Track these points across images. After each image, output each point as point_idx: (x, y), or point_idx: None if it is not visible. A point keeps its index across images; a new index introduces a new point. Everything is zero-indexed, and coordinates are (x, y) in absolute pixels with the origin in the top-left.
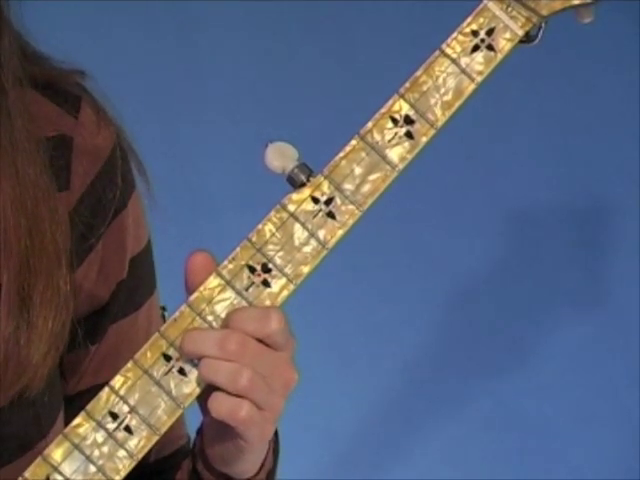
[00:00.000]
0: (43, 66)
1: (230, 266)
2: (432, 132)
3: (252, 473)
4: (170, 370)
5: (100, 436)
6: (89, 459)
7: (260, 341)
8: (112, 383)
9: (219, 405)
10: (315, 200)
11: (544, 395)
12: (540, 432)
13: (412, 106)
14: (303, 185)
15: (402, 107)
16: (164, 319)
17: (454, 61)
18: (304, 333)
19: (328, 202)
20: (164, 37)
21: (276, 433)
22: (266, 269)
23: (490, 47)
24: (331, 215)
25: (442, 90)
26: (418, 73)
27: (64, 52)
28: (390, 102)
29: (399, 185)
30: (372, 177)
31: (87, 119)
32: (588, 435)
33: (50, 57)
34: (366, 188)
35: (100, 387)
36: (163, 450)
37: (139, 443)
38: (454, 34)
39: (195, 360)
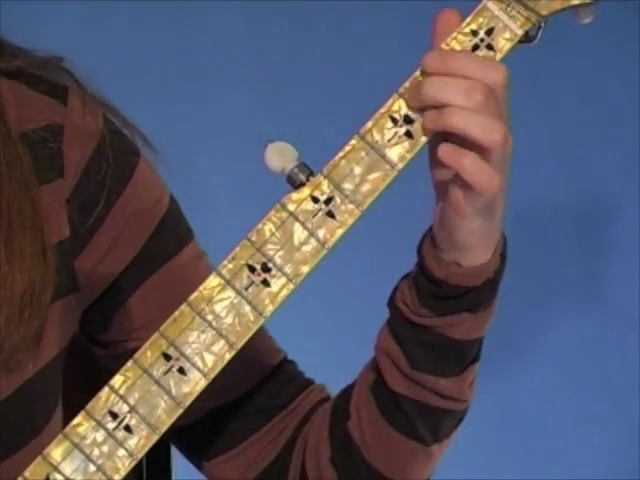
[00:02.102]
0: (20, 57)
1: (230, 265)
2: None
3: (484, 259)
4: (170, 369)
5: (100, 435)
6: (89, 458)
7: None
8: (112, 382)
9: (445, 153)
10: (315, 199)
11: (544, 395)
12: (540, 432)
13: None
14: (303, 185)
15: (401, 107)
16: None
17: None
18: (304, 333)
19: (328, 201)
20: (164, 36)
21: (505, 242)
22: (266, 268)
23: (490, 47)
24: (331, 214)
25: None
26: (418, 73)
27: (64, 52)
28: (390, 102)
29: (399, 185)
30: (372, 176)
31: (75, 106)
32: (588, 435)
33: (23, 48)
34: (366, 188)
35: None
36: (261, 370)
37: (139, 442)
38: (454, 34)
39: (195, 358)
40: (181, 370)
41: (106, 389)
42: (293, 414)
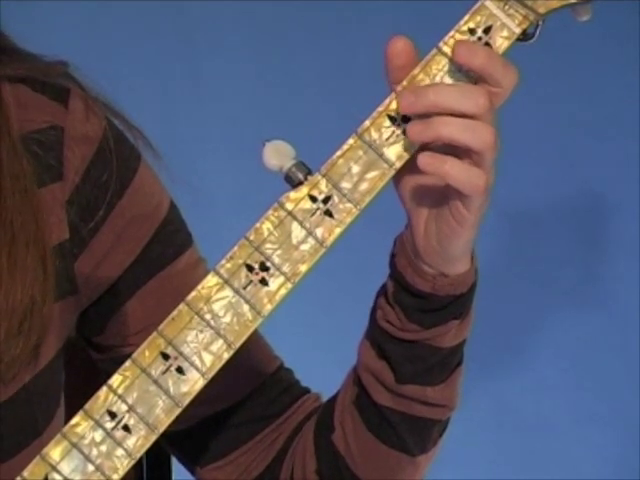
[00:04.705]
0: (25, 63)
1: (228, 265)
2: None
3: (468, 265)
4: (168, 369)
5: (98, 435)
6: (87, 458)
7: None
8: (110, 382)
9: (425, 161)
10: (313, 199)
11: (544, 395)
12: (540, 432)
13: None
14: (301, 184)
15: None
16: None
17: (451, 59)
18: (302, 333)
19: (326, 200)
20: (164, 37)
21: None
22: (264, 267)
23: (487, 45)
24: (329, 213)
25: None
26: (415, 71)
27: (63, 52)
28: (387, 100)
29: None
30: (370, 175)
31: (76, 108)
32: (588, 435)
33: (29, 53)
34: (364, 186)
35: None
36: (257, 377)
37: (137, 442)
38: (451, 32)
39: (193, 358)
40: (179, 370)
41: (104, 389)
42: (286, 423)
